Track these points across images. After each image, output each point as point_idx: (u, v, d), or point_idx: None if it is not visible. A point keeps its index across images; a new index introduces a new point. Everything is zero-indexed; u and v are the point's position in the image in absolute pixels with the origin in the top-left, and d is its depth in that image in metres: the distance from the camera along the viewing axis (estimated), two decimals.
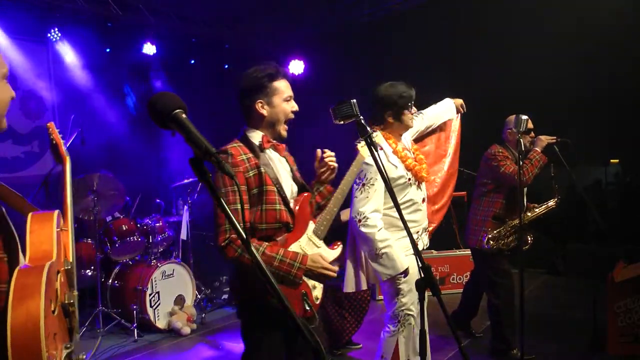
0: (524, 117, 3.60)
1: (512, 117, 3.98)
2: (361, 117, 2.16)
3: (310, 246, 2.38)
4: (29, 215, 1.51)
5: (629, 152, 5.49)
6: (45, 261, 1.38)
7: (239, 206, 2.15)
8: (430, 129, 3.70)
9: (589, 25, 6.08)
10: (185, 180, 5.81)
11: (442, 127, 3.76)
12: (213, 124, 6.71)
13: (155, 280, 5.06)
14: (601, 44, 6.14)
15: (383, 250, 2.89)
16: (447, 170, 3.65)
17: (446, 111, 3.74)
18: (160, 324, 5.05)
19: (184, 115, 1.24)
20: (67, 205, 1.84)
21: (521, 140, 3.50)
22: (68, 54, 6.44)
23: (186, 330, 4.99)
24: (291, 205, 2.38)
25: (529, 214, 4.17)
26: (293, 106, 2.52)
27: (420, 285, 2.01)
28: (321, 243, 2.43)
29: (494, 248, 4.02)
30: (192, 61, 7.95)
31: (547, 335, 4.61)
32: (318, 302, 2.39)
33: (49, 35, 6.20)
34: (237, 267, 2.27)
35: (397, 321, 3.07)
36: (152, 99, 1.26)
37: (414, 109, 3.30)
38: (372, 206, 2.92)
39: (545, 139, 4.09)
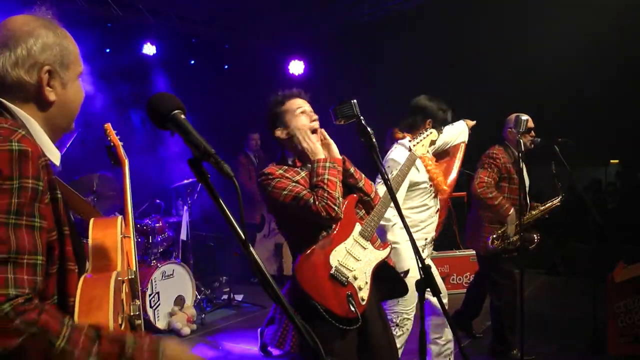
0: (524, 117, 3.61)
1: (513, 116, 4.00)
2: (362, 118, 2.16)
3: (357, 248, 2.40)
4: (91, 221, 1.42)
5: (629, 152, 5.49)
6: (110, 271, 1.29)
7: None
8: (442, 149, 3.74)
9: (589, 25, 6.08)
10: (185, 181, 5.81)
11: (451, 152, 3.80)
12: (212, 125, 6.71)
13: (155, 281, 5.05)
14: (601, 44, 6.15)
15: (394, 246, 3.01)
16: (448, 190, 3.67)
17: (460, 134, 3.78)
18: (160, 324, 5.05)
19: (182, 116, 1.23)
20: (128, 210, 1.76)
21: (521, 140, 3.50)
22: None
23: (186, 330, 4.98)
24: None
25: (533, 212, 4.18)
26: (311, 117, 2.52)
27: (420, 286, 2.00)
28: (368, 244, 2.44)
29: (499, 248, 4.00)
30: (192, 61, 7.95)
31: (547, 336, 4.61)
32: (364, 303, 2.37)
33: None
34: None
35: (394, 325, 3.11)
36: (151, 100, 1.26)
37: None
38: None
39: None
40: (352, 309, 2.29)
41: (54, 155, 1.27)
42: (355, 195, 2.54)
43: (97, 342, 1.07)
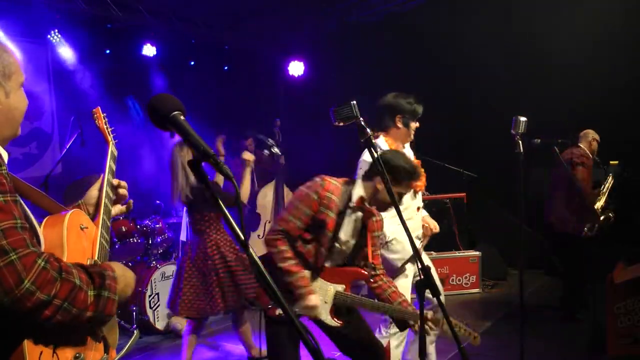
0: (523, 118, 3.60)
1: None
2: (361, 119, 2.17)
3: (324, 294, 2.60)
4: (44, 220, 1.50)
5: (629, 152, 5.49)
6: None
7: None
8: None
9: (589, 26, 6.09)
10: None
11: None
12: (212, 126, 6.71)
13: (154, 282, 5.05)
14: (601, 45, 6.15)
15: (390, 237, 3.15)
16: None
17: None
18: (160, 325, 5.04)
19: (182, 117, 1.24)
20: (102, 195, 1.77)
21: (520, 142, 3.49)
22: (67, 55, 6.43)
23: None
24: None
25: (602, 198, 5.02)
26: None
27: (420, 287, 2.00)
28: (324, 305, 2.59)
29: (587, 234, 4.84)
30: (192, 62, 7.95)
31: (547, 336, 4.60)
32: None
33: (48, 36, 6.20)
34: None
35: (390, 323, 3.15)
36: (151, 101, 1.27)
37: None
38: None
39: None
40: None
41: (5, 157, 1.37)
42: (364, 272, 2.68)
43: (90, 277, 1.31)
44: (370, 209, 2.64)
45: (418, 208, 3.36)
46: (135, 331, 4.76)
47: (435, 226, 3.47)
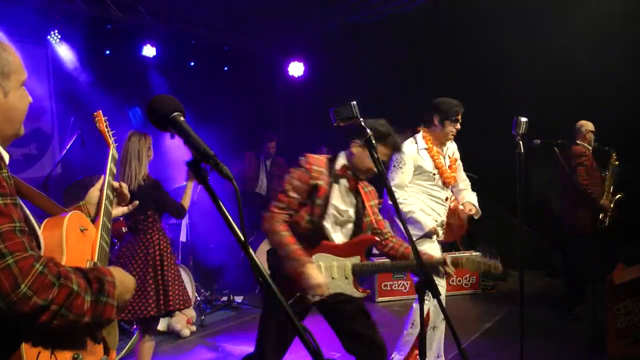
0: (523, 119, 3.60)
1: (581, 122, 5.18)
2: (361, 119, 2.17)
3: (340, 272, 2.70)
4: (44, 222, 1.49)
5: (629, 153, 5.49)
6: None
7: None
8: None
9: (589, 26, 6.09)
10: (185, 182, 5.80)
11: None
12: (212, 127, 6.71)
13: None
14: (601, 45, 6.15)
15: (408, 215, 3.43)
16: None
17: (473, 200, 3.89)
18: (160, 326, 5.03)
19: (182, 118, 1.25)
20: (102, 197, 1.77)
21: (520, 142, 3.49)
22: (67, 56, 6.43)
23: (185, 332, 4.98)
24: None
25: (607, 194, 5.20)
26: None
27: (420, 288, 2.01)
28: (350, 277, 2.71)
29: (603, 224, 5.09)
30: (192, 63, 7.95)
31: (547, 337, 4.60)
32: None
33: (48, 37, 6.20)
34: None
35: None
36: (150, 102, 1.27)
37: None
38: (395, 182, 3.53)
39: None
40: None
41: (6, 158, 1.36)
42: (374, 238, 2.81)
43: (89, 282, 1.28)
44: (352, 177, 2.79)
45: (446, 199, 3.70)
46: (135, 332, 4.77)
47: (471, 210, 3.72)
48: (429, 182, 3.62)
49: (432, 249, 3.43)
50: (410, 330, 3.61)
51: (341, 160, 2.79)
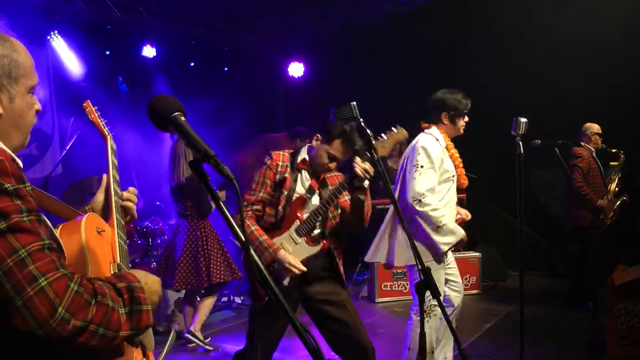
0: (523, 119, 3.60)
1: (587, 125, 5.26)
2: (361, 120, 2.17)
3: (289, 241, 2.83)
4: (59, 228, 1.41)
5: (629, 153, 5.49)
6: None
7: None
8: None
9: (589, 26, 6.09)
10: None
11: None
12: (212, 127, 6.71)
13: None
14: (601, 45, 6.15)
15: (442, 222, 3.15)
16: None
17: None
18: (160, 326, 5.04)
19: (182, 118, 1.25)
20: (111, 193, 1.67)
21: (520, 143, 3.49)
22: (67, 56, 6.43)
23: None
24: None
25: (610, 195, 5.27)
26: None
27: (420, 288, 2.00)
28: (300, 240, 2.84)
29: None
30: (192, 63, 7.95)
31: (547, 337, 4.60)
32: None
33: (48, 38, 6.20)
34: None
35: (425, 313, 3.19)
36: (151, 102, 1.27)
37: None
38: (427, 186, 3.19)
39: None
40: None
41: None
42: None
43: (119, 293, 1.22)
44: (310, 171, 2.93)
45: (456, 202, 3.54)
46: (172, 331, 4.77)
47: (466, 214, 3.57)
48: (448, 184, 3.34)
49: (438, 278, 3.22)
50: (408, 355, 3.33)
51: (302, 154, 2.96)
